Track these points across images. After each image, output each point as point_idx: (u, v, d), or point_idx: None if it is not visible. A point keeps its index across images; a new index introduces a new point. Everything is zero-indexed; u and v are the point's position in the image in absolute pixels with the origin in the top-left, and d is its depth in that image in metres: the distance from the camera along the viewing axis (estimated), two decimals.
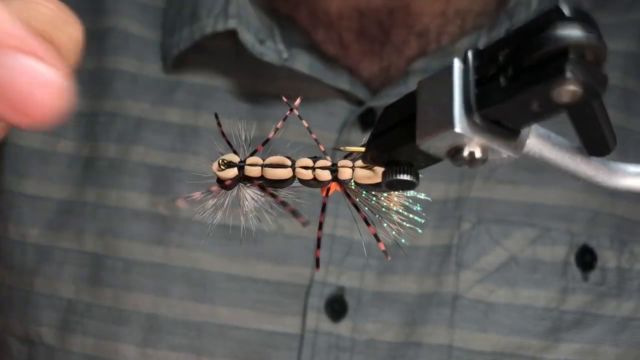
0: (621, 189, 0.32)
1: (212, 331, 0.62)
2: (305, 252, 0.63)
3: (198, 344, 0.62)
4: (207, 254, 0.63)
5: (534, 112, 0.26)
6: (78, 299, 0.64)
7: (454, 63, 0.28)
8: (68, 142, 0.67)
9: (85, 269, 0.65)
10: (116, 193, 0.65)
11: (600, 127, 0.29)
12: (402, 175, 0.30)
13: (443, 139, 0.28)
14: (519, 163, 0.71)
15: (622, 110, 0.66)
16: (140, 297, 0.63)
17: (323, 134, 0.63)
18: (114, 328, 0.63)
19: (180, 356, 0.62)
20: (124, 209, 0.64)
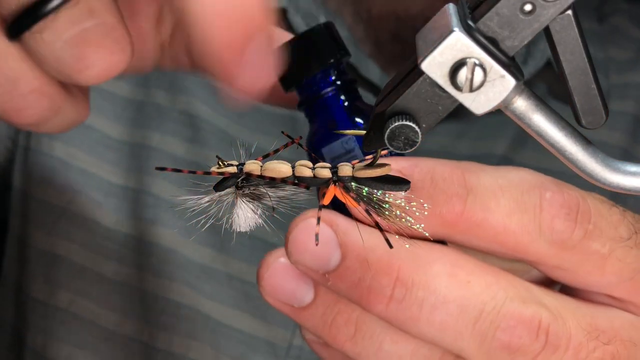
0: (619, 187, 0.32)
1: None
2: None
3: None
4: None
5: (526, 13, 0.29)
6: (117, 229, 0.66)
7: (447, 5, 0.31)
8: (124, 84, 0.68)
9: (124, 201, 0.65)
10: (159, 136, 0.65)
11: (591, 80, 0.30)
12: (404, 121, 0.30)
13: (444, 50, 0.29)
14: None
15: (630, 135, 0.67)
16: (164, 231, 0.64)
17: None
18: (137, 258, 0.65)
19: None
20: (164, 152, 0.65)
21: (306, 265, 0.33)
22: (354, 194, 0.33)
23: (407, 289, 0.31)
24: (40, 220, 0.68)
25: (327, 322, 0.35)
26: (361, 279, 0.32)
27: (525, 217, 0.32)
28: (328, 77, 0.41)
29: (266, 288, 0.35)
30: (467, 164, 0.33)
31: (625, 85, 0.71)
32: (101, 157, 0.68)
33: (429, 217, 0.32)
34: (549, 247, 0.32)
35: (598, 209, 0.33)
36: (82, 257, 0.67)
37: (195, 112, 0.68)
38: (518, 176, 0.33)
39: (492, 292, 0.32)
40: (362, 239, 0.32)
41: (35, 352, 0.67)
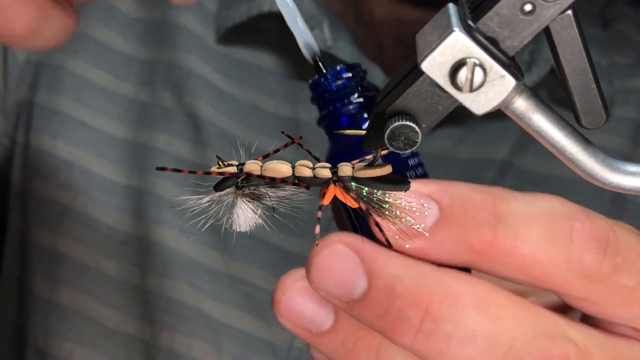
0: (619, 187, 0.32)
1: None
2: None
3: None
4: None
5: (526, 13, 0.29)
6: (119, 228, 0.67)
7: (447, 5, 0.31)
8: (129, 85, 0.69)
9: (126, 201, 0.65)
10: (163, 137, 0.66)
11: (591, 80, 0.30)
12: (404, 121, 0.30)
13: (444, 50, 0.29)
14: (525, 176, 0.67)
15: (631, 140, 0.67)
16: (167, 231, 0.65)
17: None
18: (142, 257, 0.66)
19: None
20: (167, 153, 0.65)
21: (329, 292, 0.32)
22: (354, 194, 0.33)
23: (436, 322, 0.31)
24: (42, 217, 0.69)
25: (347, 348, 0.34)
26: (388, 309, 0.31)
27: (555, 248, 0.31)
28: (351, 93, 0.40)
29: (283, 313, 0.34)
30: (498, 190, 0.32)
31: (627, 91, 0.71)
32: (104, 157, 0.68)
33: (457, 245, 0.31)
34: (577, 279, 0.31)
35: (627, 241, 0.32)
36: (84, 255, 0.67)
37: (198, 113, 0.68)
38: (548, 205, 0.32)
39: (522, 327, 0.31)
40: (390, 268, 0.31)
41: (37, 350, 0.67)
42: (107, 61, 0.71)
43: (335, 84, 0.40)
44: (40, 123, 0.70)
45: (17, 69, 0.71)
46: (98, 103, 0.70)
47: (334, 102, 0.40)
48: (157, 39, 0.71)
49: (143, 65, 0.71)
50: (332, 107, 0.40)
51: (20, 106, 0.71)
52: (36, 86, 0.71)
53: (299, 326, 0.34)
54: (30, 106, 0.71)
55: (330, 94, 0.40)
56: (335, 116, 0.40)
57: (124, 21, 0.72)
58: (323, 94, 0.40)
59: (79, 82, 0.70)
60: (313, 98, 0.41)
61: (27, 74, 0.71)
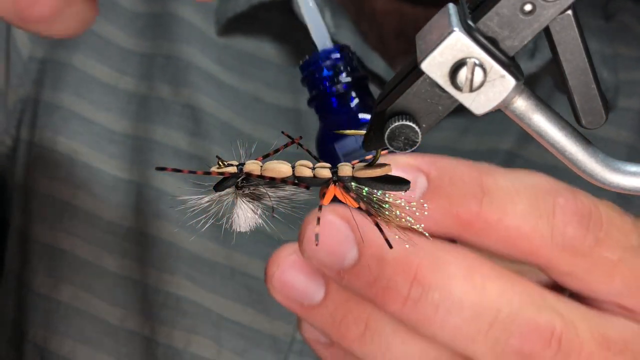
0: (619, 187, 0.32)
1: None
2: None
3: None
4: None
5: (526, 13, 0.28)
6: (120, 223, 0.66)
7: (447, 5, 0.31)
8: (129, 79, 0.69)
9: (127, 196, 0.65)
10: (163, 130, 0.66)
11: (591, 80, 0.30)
12: (404, 121, 0.30)
13: (444, 50, 0.29)
14: (530, 167, 0.66)
15: (637, 132, 0.67)
16: (166, 225, 0.65)
17: None
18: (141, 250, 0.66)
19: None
20: (167, 146, 0.65)
21: (321, 261, 0.33)
22: (354, 194, 0.33)
23: (423, 289, 0.31)
24: (43, 214, 0.69)
25: (336, 320, 0.34)
26: (377, 277, 0.32)
27: (539, 221, 0.32)
28: (339, 73, 0.40)
29: (276, 285, 0.35)
30: (484, 165, 0.33)
31: (633, 83, 0.71)
32: (104, 151, 0.68)
33: (444, 216, 0.32)
34: (560, 253, 0.32)
35: (610, 217, 0.33)
36: (84, 251, 0.67)
37: (198, 105, 0.68)
38: (533, 180, 0.33)
39: (507, 298, 0.32)
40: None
41: (37, 346, 0.67)
42: (109, 55, 0.71)
43: (324, 64, 0.40)
44: (43, 119, 0.70)
45: (21, 65, 0.71)
46: (99, 97, 0.70)
47: (323, 82, 0.40)
48: (157, 32, 0.71)
49: (143, 59, 0.71)
50: (322, 86, 0.41)
51: (24, 103, 0.71)
52: (41, 83, 0.71)
53: (291, 299, 0.35)
54: (35, 103, 0.71)
55: (319, 74, 0.40)
56: (324, 95, 0.41)
57: (125, 15, 0.72)
58: (313, 75, 0.41)
59: (80, 77, 0.70)
60: (303, 79, 0.42)
61: (32, 70, 0.71)
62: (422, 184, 0.32)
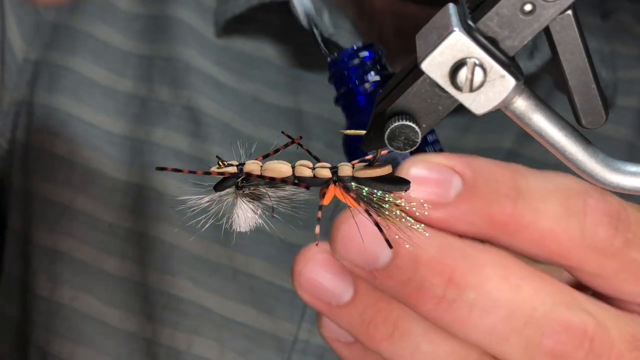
0: (619, 187, 0.32)
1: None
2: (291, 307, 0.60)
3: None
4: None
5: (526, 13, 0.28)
6: (120, 225, 0.66)
7: (447, 5, 0.31)
8: (127, 81, 0.69)
9: (126, 197, 0.65)
10: (162, 132, 0.66)
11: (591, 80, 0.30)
12: (404, 121, 0.30)
13: (444, 50, 0.29)
14: (532, 165, 0.66)
15: (636, 130, 0.67)
16: (167, 226, 0.65)
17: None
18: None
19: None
20: (167, 147, 0.65)
21: (353, 262, 0.32)
22: (354, 194, 0.33)
23: (459, 290, 0.31)
24: (42, 217, 0.69)
25: (365, 320, 0.34)
26: (411, 277, 0.31)
27: (570, 222, 0.32)
28: (367, 71, 0.40)
29: (303, 284, 0.34)
30: (517, 166, 0.33)
31: (631, 81, 0.71)
32: (104, 154, 0.68)
33: (479, 217, 0.32)
34: (590, 254, 0.32)
35: (638, 218, 0.33)
36: (84, 253, 0.67)
37: (198, 106, 0.68)
38: (564, 182, 0.33)
39: (542, 298, 0.31)
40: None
41: (39, 349, 0.67)
42: (106, 58, 0.71)
43: (352, 63, 0.40)
44: (40, 122, 0.69)
45: (16, 67, 0.71)
46: (97, 100, 0.69)
47: (351, 80, 0.40)
48: (155, 34, 0.71)
49: (142, 61, 0.71)
50: (350, 85, 0.40)
51: (19, 105, 0.71)
52: (35, 85, 0.70)
53: (319, 298, 0.34)
54: (30, 105, 0.70)
55: (348, 72, 0.40)
56: (352, 94, 0.40)
57: (122, 17, 0.72)
58: (341, 72, 0.40)
59: (77, 79, 0.70)
60: (330, 76, 0.41)
61: (26, 72, 0.71)
62: (457, 185, 0.32)
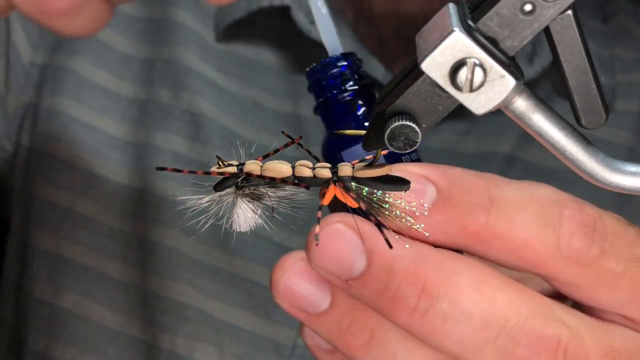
0: (619, 187, 0.32)
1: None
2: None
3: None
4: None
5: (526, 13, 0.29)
6: (121, 229, 0.67)
7: (447, 5, 0.31)
8: (129, 84, 0.69)
9: (127, 202, 0.66)
10: (163, 135, 0.66)
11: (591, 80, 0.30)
12: (404, 121, 0.30)
13: (444, 50, 0.29)
14: (530, 169, 0.68)
15: (636, 134, 0.68)
16: (167, 230, 0.65)
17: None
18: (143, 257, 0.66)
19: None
20: (167, 151, 0.65)
21: (329, 270, 0.32)
22: (354, 194, 0.33)
23: (432, 300, 0.31)
24: (43, 220, 0.69)
25: (342, 329, 0.34)
26: (386, 287, 0.31)
27: (545, 232, 0.32)
28: (346, 81, 0.40)
29: (281, 292, 0.34)
30: (492, 175, 0.33)
31: (631, 85, 0.71)
32: (105, 157, 0.68)
33: (453, 227, 0.32)
34: (566, 264, 0.32)
35: (614, 228, 0.33)
36: (86, 258, 0.67)
37: (198, 110, 0.68)
38: (540, 191, 0.33)
39: (516, 308, 0.31)
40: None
41: (37, 354, 0.67)
42: (108, 61, 0.71)
43: (331, 72, 0.40)
44: (43, 125, 0.69)
45: (22, 71, 0.71)
46: (99, 103, 0.69)
47: (330, 90, 0.40)
48: (156, 38, 0.71)
49: (143, 64, 0.71)
50: (329, 94, 0.41)
51: (25, 108, 0.71)
52: (41, 88, 0.70)
53: (296, 307, 0.35)
54: (35, 108, 0.70)
55: (327, 81, 0.40)
56: (331, 103, 0.41)
57: (124, 20, 0.72)
58: (319, 82, 0.41)
59: (80, 82, 0.70)
60: (310, 86, 0.42)
61: (33, 76, 0.71)
62: (431, 194, 0.32)
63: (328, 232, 0.32)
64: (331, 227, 0.32)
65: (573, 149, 0.31)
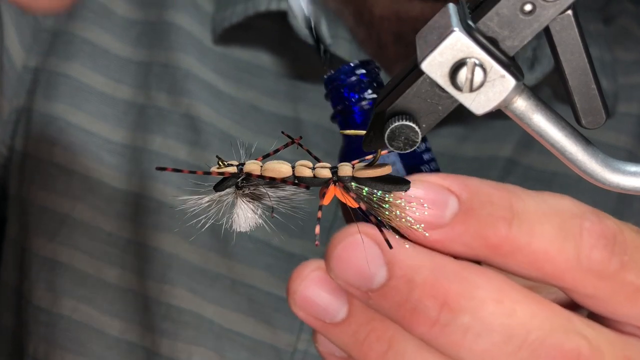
0: (619, 187, 0.32)
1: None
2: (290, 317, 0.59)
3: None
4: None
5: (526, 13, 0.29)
6: (119, 235, 0.67)
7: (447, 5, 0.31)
8: (126, 88, 0.69)
9: (125, 207, 0.67)
10: (161, 140, 0.66)
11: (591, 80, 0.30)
12: (404, 121, 0.30)
13: (444, 49, 0.29)
14: (530, 173, 0.67)
15: (637, 137, 0.68)
16: (166, 236, 0.65)
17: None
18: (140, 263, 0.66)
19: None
20: (165, 156, 0.65)
21: (348, 281, 0.32)
22: (354, 194, 0.33)
23: (453, 313, 0.31)
24: (41, 226, 0.68)
25: (359, 339, 0.34)
26: (406, 299, 0.31)
27: (565, 244, 0.32)
28: (365, 89, 0.40)
29: (297, 301, 0.34)
30: (513, 187, 0.33)
31: (632, 87, 0.71)
32: (102, 162, 0.68)
33: (474, 239, 0.31)
34: (585, 276, 0.32)
35: (634, 241, 0.33)
36: (84, 264, 0.67)
37: (197, 114, 0.68)
38: (560, 203, 0.32)
39: (536, 321, 0.31)
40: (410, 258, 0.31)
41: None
42: (104, 64, 0.71)
43: (349, 80, 0.40)
44: (37, 129, 0.69)
45: (15, 75, 0.70)
46: (95, 107, 0.69)
47: (349, 98, 0.40)
48: (153, 41, 0.71)
49: (140, 68, 0.71)
50: (347, 102, 0.40)
51: (19, 113, 0.71)
52: (34, 92, 0.70)
53: (313, 316, 0.34)
54: (29, 113, 0.70)
55: (345, 89, 0.40)
56: (349, 112, 0.40)
57: (120, 23, 0.72)
58: (337, 90, 0.40)
59: (76, 86, 0.69)
60: (327, 94, 0.41)
61: (26, 80, 0.71)
62: (453, 206, 0.31)
63: (349, 242, 0.32)
64: (352, 239, 0.32)
65: (573, 149, 0.31)
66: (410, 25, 0.68)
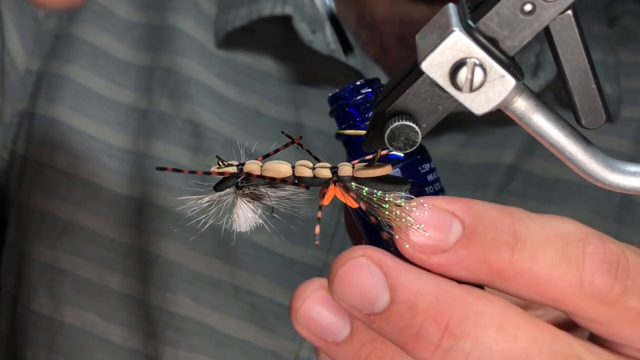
0: (619, 187, 0.32)
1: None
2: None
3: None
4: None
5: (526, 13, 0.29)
6: (121, 241, 0.66)
7: (447, 5, 0.31)
8: (127, 92, 0.69)
9: (127, 212, 0.66)
10: (163, 145, 0.66)
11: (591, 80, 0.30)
12: (404, 121, 0.30)
13: (444, 49, 0.29)
14: (532, 179, 0.67)
15: (638, 142, 0.67)
16: (168, 242, 0.65)
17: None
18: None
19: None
20: (168, 161, 0.65)
21: (351, 304, 0.32)
22: (354, 194, 0.33)
23: (455, 339, 0.31)
24: (41, 232, 0.68)
25: (360, 358, 0.34)
26: (408, 324, 0.31)
27: (568, 270, 0.32)
28: (369, 108, 0.40)
29: (300, 321, 0.34)
30: (516, 210, 0.33)
31: (635, 91, 0.70)
32: (104, 167, 0.67)
33: (476, 263, 0.31)
34: (588, 301, 0.32)
35: (637, 265, 0.33)
36: (86, 270, 0.66)
37: (199, 119, 0.67)
38: (563, 227, 0.32)
39: (538, 347, 0.31)
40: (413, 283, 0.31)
41: None
42: (106, 68, 0.70)
43: (354, 100, 0.40)
44: (39, 133, 0.69)
45: (18, 78, 0.70)
46: (97, 111, 0.69)
47: (354, 117, 0.40)
48: (155, 44, 0.71)
49: (142, 72, 0.71)
50: (352, 121, 0.40)
51: (22, 116, 0.71)
52: (37, 96, 0.70)
53: (316, 335, 0.34)
54: (31, 116, 0.70)
55: (350, 108, 0.40)
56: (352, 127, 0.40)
57: (122, 26, 0.72)
58: (342, 109, 0.40)
59: (77, 89, 0.69)
60: (332, 111, 0.41)
61: (28, 83, 0.70)
62: (457, 231, 0.31)
63: (352, 265, 0.32)
64: (355, 261, 0.32)
65: (573, 148, 0.31)
66: (413, 28, 0.68)
